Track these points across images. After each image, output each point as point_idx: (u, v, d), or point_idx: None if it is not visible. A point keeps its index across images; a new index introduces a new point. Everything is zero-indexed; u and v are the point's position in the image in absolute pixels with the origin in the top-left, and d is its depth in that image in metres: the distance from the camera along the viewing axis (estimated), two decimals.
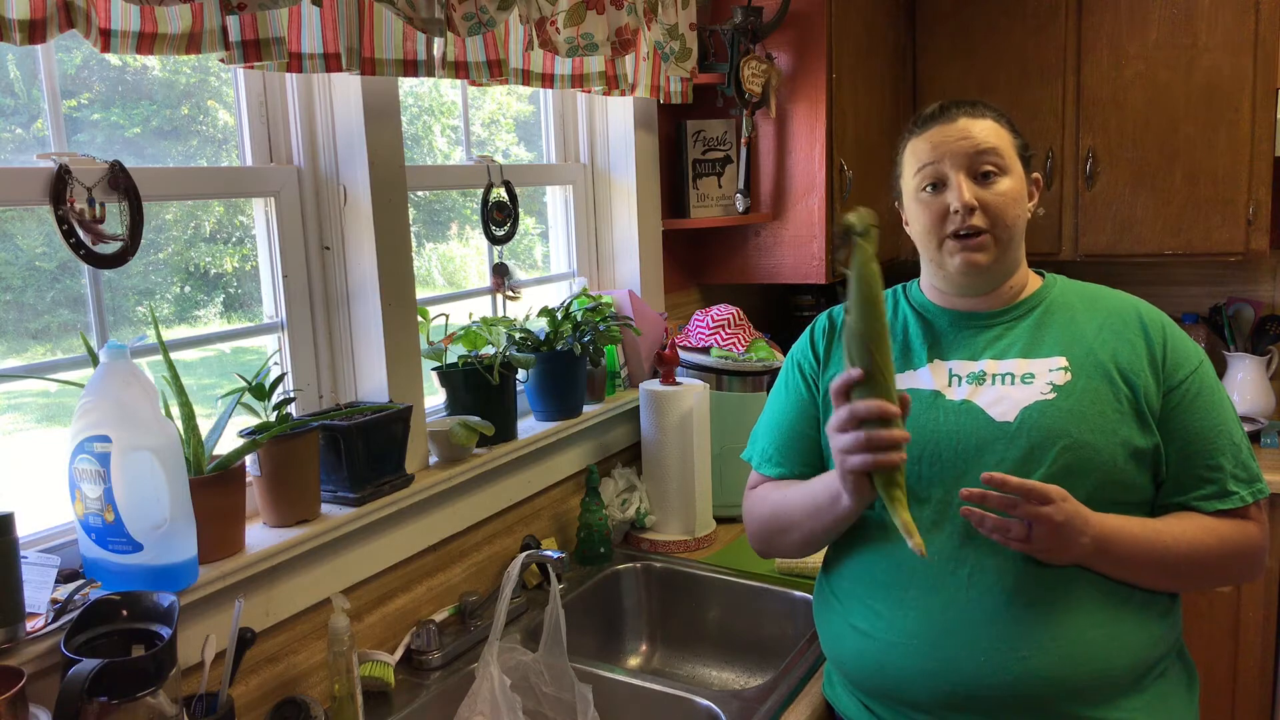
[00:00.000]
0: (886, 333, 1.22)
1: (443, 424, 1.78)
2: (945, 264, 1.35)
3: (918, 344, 1.41)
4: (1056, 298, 1.40)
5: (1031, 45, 2.80)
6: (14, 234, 1.34)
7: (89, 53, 1.39)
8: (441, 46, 1.61)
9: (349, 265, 1.67)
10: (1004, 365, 1.34)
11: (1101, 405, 1.28)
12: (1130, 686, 1.25)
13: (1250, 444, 1.33)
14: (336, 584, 1.55)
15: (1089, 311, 1.37)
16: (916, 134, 1.38)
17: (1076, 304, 1.39)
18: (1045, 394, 1.29)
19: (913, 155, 1.38)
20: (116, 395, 1.21)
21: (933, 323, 1.42)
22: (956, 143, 1.33)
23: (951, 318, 1.41)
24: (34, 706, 1.10)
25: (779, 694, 1.55)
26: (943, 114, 1.37)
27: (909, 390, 1.35)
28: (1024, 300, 1.39)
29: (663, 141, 2.47)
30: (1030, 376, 1.32)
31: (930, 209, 1.34)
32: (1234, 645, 2.49)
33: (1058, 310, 1.38)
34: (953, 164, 1.33)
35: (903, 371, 1.40)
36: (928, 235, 1.36)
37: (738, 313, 2.40)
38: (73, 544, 1.30)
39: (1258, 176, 2.58)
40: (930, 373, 1.38)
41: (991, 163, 1.32)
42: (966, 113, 1.35)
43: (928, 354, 1.40)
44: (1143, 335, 1.33)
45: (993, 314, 1.39)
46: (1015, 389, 1.32)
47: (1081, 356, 1.32)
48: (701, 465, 2.17)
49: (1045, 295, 1.40)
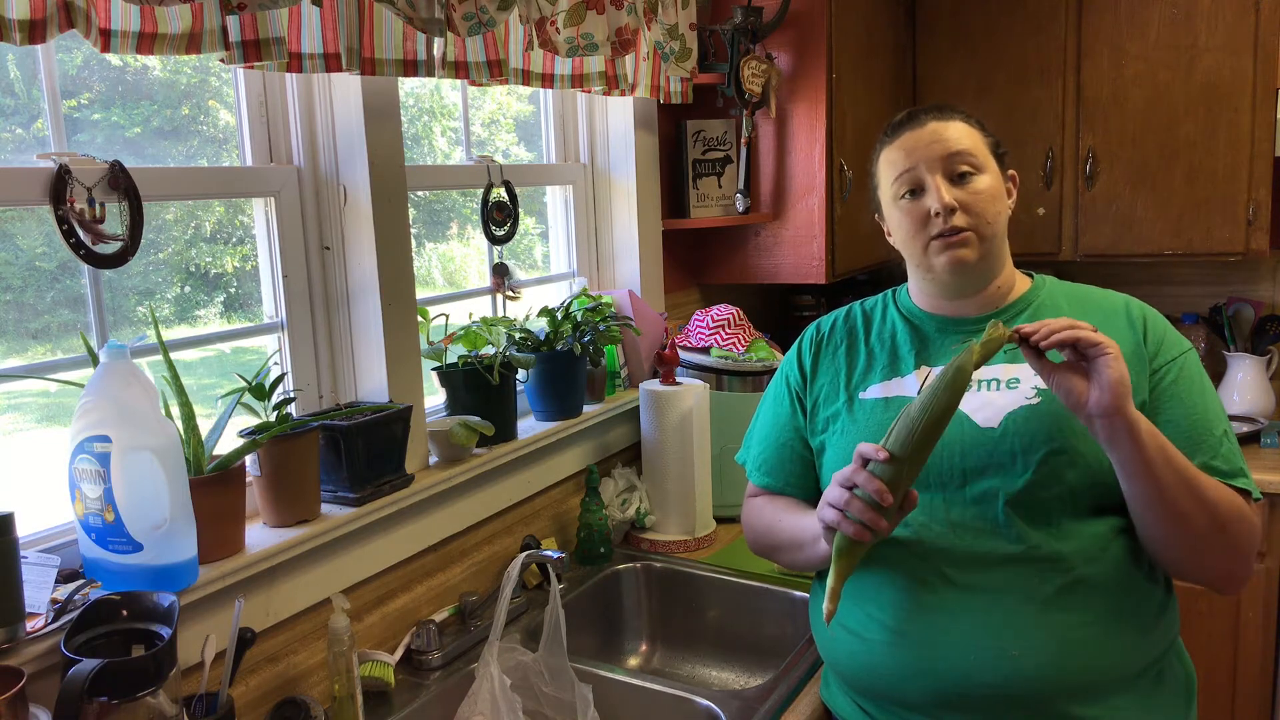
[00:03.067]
0: (936, 439, 1.18)
1: (443, 424, 1.78)
2: (932, 265, 1.35)
3: (905, 350, 1.41)
4: (1045, 300, 1.39)
5: (1031, 45, 2.80)
6: (14, 234, 1.34)
7: (89, 53, 1.39)
8: (441, 46, 1.61)
9: (349, 265, 1.67)
10: (990, 370, 1.34)
11: None
12: (1123, 686, 1.25)
13: (1236, 441, 1.29)
14: (336, 584, 1.55)
15: (1078, 313, 1.35)
16: (888, 143, 1.39)
17: (1065, 306, 1.38)
18: (1029, 399, 1.29)
19: (888, 164, 1.38)
20: (116, 395, 1.21)
21: (920, 328, 1.42)
22: (929, 146, 1.33)
23: (939, 323, 1.41)
24: (34, 706, 1.10)
25: (779, 694, 1.55)
26: (911, 120, 1.37)
27: (896, 398, 1.36)
28: (1012, 303, 1.39)
29: (663, 141, 2.47)
30: (1015, 381, 1.31)
31: (911, 215, 1.35)
32: (1234, 645, 2.49)
33: (1046, 312, 1.36)
34: (928, 167, 1.33)
35: (889, 379, 1.40)
36: (911, 241, 1.36)
37: (738, 313, 2.40)
38: (73, 544, 1.30)
39: (1258, 176, 2.58)
40: (916, 379, 1.38)
41: (966, 163, 1.32)
42: (935, 116, 1.36)
43: (915, 360, 1.40)
44: (1129, 326, 1.33)
45: (980, 318, 1.38)
46: (999, 394, 1.31)
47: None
48: (701, 465, 2.17)
49: (1034, 298, 1.40)
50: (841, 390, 1.43)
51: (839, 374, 1.45)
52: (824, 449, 1.44)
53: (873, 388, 1.41)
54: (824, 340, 1.50)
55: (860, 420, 1.39)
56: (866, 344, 1.46)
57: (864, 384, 1.42)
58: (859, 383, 1.42)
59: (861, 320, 1.49)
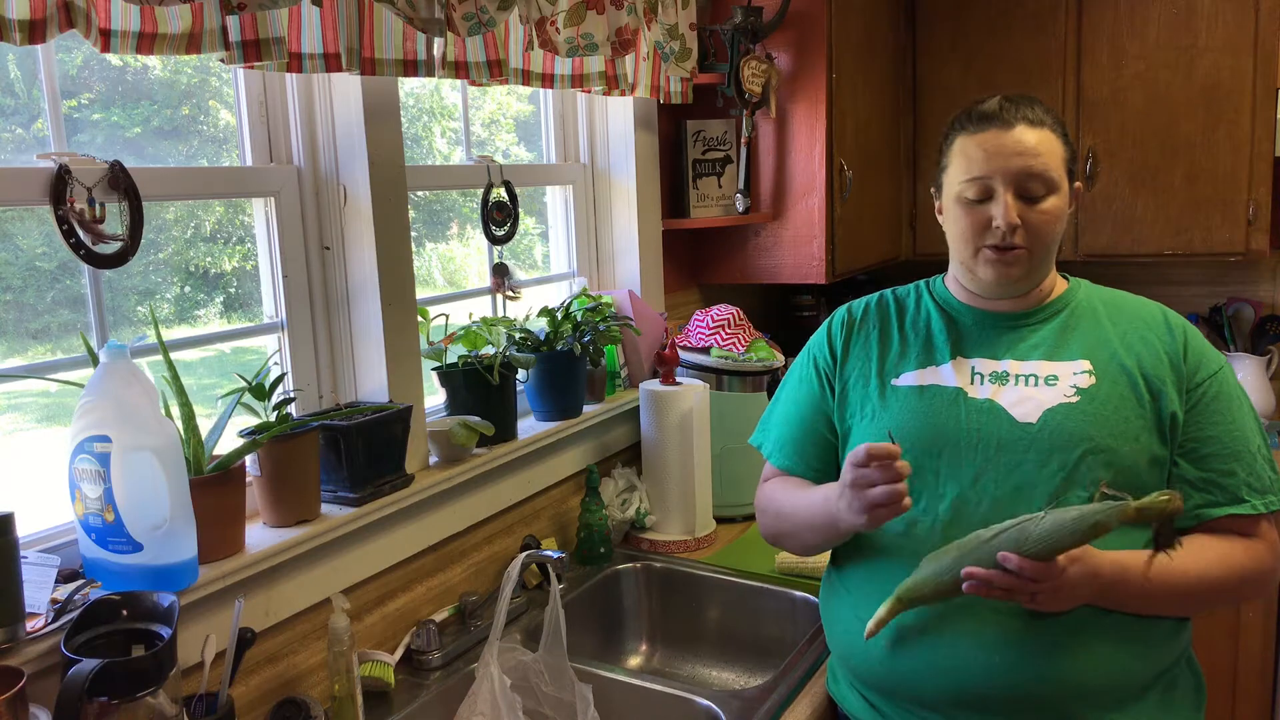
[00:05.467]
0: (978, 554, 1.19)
1: (443, 424, 1.78)
2: (978, 272, 1.34)
3: (940, 340, 1.40)
4: (1081, 303, 1.39)
5: (1031, 45, 2.80)
6: (14, 234, 1.34)
7: (89, 53, 1.39)
8: (441, 46, 1.61)
9: (349, 265, 1.67)
10: (1027, 366, 1.34)
11: (1125, 410, 1.27)
12: (1140, 692, 1.25)
13: (1271, 451, 1.30)
14: (336, 584, 1.55)
15: (1114, 316, 1.37)
16: (969, 133, 1.33)
17: (1101, 308, 1.38)
18: (1069, 396, 1.29)
19: (963, 156, 1.33)
20: (116, 395, 1.21)
21: (957, 319, 1.41)
22: (1010, 159, 1.28)
23: (976, 316, 1.40)
24: (34, 706, 1.10)
25: (779, 694, 1.55)
26: (1000, 117, 1.31)
27: (930, 386, 1.35)
28: (1049, 303, 1.39)
29: (663, 141, 2.47)
30: (1054, 378, 1.31)
31: (972, 218, 1.32)
32: (1234, 645, 2.49)
33: (1083, 314, 1.37)
34: (1003, 180, 1.29)
35: (924, 367, 1.39)
36: (965, 242, 1.34)
37: (738, 313, 2.40)
38: (73, 544, 1.29)
39: (1258, 176, 2.58)
40: (953, 369, 1.37)
41: (1042, 182, 1.29)
42: (1025, 119, 1.30)
43: (950, 350, 1.39)
44: (1167, 336, 1.33)
45: (1018, 315, 1.38)
46: (1039, 390, 1.31)
47: (1106, 361, 1.31)
48: (701, 465, 2.17)
49: (1070, 299, 1.39)
50: (874, 376, 1.42)
51: (870, 359, 1.43)
52: (850, 433, 1.43)
53: (906, 375, 1.40)
54: (856, 324, 1.48)
55: (892, 407, 1.38)
56: (900, 331, 1.44)
57: (897, 371, 1.41)
58: (892, 369, 1.41)
59: (895, 307, 1.48)
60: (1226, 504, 1.27)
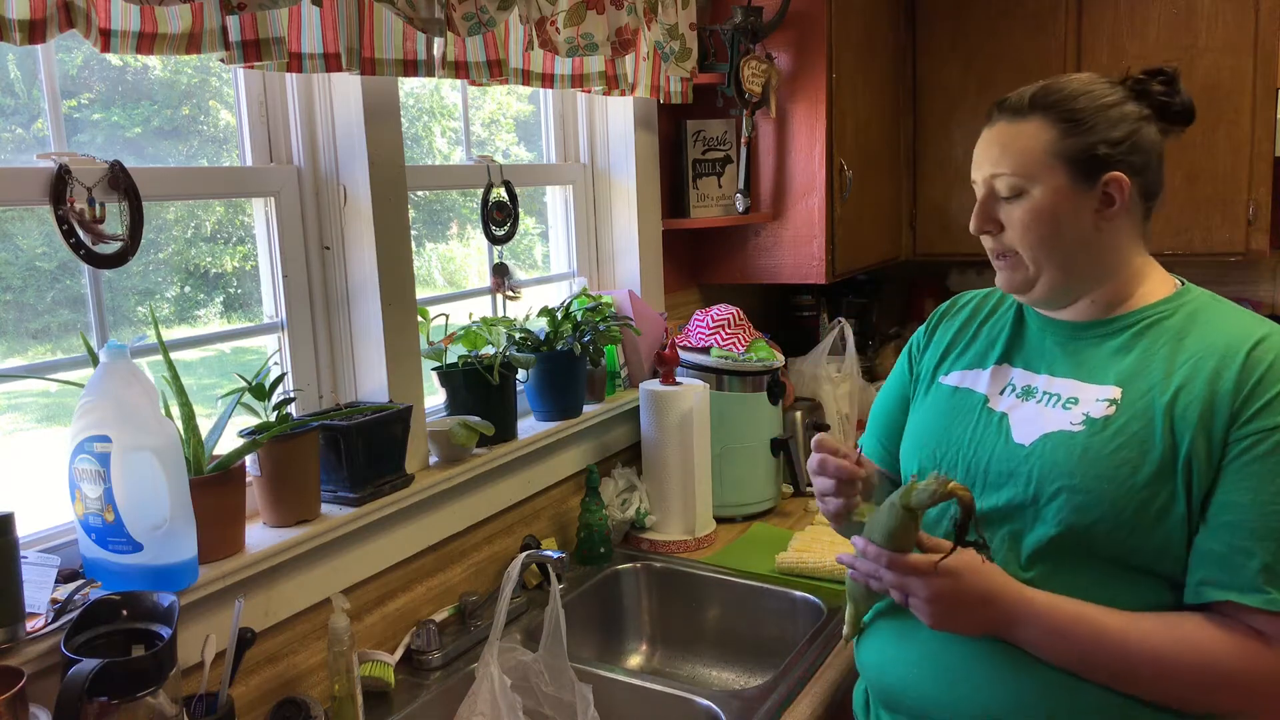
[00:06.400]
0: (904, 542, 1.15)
1: (443, 424, 1.78)
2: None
3: (999, 344, 1.33)
4: (1173, 317, 1.20)
5: (1031, 45, 2.80)
6: (14, 234, 1.34)
7: (89, 53, 1.39)
8: (441, 46, 1.61)
9: (349, 265, 1.67)
10: (1057, 384, 1.23)
11: (1127, 452, 1.12)
12: None
13: None
14: (336, 584, 1.55)
15: (1193, 338, 1.16)
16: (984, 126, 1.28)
17: (1190, 328, 1.18)
18: (1074, 424, 1.17)
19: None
20: (116, 395, 1.21)
21: (1026, 323, 1.33)
22: (980, 163, 1.24)
23: (1041, 323, 1.30)
24: (34, 706, 1.10)
25: (779, 694, 1.55)
26: (994, 111, 1.26)
27: (963, 389, 1.32)
28: (1123, 315, 1.22)
29: (663, 141, 2.47)
30: (1074, 401, 1.19)
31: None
32: None
33: (1161, 332, 1.19)
34: (980, 184, 1.25)
35: (970, 368, 1.34)
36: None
37: (738, 313, 2.40)
38: (73, 544, 1.29)
39: (1258, 176, 2.58)
40: (990, 376, 1.31)
41: (1006, 185, 1.20)
42: (1008, 116, 1.23)
43: (1000, 356, 1.32)
44: (1234, 369, 1.11)
45: (1079, 325, 1.25)
46: (1053, 411, 1.20)
47: (1139, 392, 1.15)
48: (701, 465, 2.17)
49: (1156, 313, 1.21)
50: (933, 367, 1.39)
51: (939, 349, 1.40)
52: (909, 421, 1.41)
53: (953, 373, 1.35)
54: (947, 312, 1.44)
55: (930, 402, 1.36)
56: (977, 328, 1.38)
57: (949, 367, 1.36)
58: (947, 365, 1.37)
59: (989, 304, 1.40)
60: (1230, 589, 1.06)
